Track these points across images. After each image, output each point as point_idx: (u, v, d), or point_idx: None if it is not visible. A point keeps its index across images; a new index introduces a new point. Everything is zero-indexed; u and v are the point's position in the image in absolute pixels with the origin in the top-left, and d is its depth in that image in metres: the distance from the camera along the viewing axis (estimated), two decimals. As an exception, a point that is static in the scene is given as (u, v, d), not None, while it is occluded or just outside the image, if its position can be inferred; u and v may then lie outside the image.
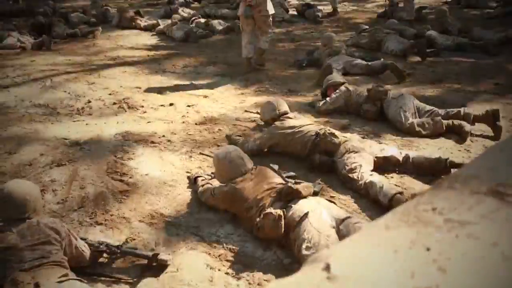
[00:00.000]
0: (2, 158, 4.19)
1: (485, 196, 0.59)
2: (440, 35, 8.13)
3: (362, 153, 3.71)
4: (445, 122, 4.41)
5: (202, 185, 3.47)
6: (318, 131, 3.90)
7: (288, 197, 2.94)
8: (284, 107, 4.32)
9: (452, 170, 3.52)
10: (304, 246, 2.65)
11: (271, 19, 6.92)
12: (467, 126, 4.37)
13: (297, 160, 3.98)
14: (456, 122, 4.41)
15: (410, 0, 10.41)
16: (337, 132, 3.94)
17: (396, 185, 3.54)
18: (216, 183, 3.47)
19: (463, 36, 8.20)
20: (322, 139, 3.83)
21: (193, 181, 3.67)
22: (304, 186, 2.99)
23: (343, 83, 5.23)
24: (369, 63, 6.59)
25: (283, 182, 3.17)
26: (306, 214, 2.77)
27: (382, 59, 7.00)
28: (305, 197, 2.93)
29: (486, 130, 4.47)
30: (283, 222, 2.77)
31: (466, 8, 12.18)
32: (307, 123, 4.10)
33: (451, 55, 7.46)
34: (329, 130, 3.91)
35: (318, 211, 2.80)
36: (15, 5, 14.10)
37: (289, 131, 4.01)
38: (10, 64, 7.73)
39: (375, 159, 3.72)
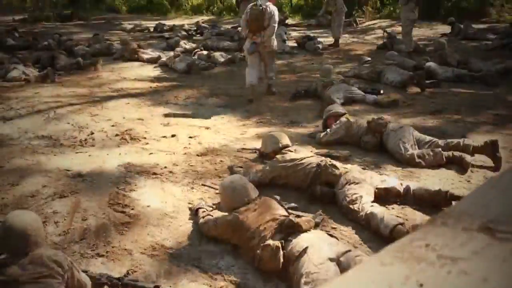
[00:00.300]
0: (4, 190, 4.21)
1: (477, 232, 0.60)
2: (439, 66, 8.26)
3: (362, 184, 3.73)
4: (445, 153, 4.43)
5: (203, 217, 3.48)
6: (319, 162, 3.93)
7: (288, 230, 2.94)
8: (286, 140, 4.37)
9: (453, 202, 3.53)
10: (303, 281, 2.64)
11: (275, 53, 7.36)
12: (468, 157, 4.39)
13: (298, 191, 3.99)
14: (457, 153, 4.44)
15: (408, 32, 10.57)
16: (337, 164, 3.97)
17: (397, 216, 3.54)
18: (217, 214, 3.48)
19: (462, 67, 8.31)
20: (323, 171, 3.85)
21: (194, 213, 3.68)
22: (305, 220, 3.00)
23: (343, 114, 5.29)
24: (366, 95, 6.76)
25: (286, 214, 3.18)
26: (305, 249, 2.77)
27: (382, 90, 7.12)
28: (305, 231, 2.94)
29: (487, 161, 4.49)
30: (281, 254, 2.78)
31: (464, 40, 12.37)
32: (307, 156, 4.13)
33: (450, 86, 7.55)
34: (330, 161, 3.94)
35: (318, 246, 2.80)
36: (22, 39, 14.36)
37: (290, 164, 4.04)
38: (14, 96, 7.82)
39: (376, 190, 3.73)
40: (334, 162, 3.98)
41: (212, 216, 3.46)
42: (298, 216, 3.09)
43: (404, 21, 10.53)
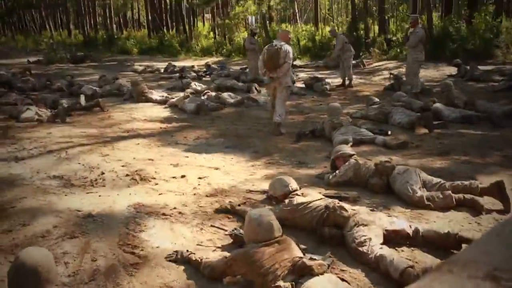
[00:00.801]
0: (16, 229, 4.25)
1: (482, 280, 0.63)
2: (446, 107, 8.33)
3: (371, 226, 3.73)
4: (455, 196, 4.43)
5: (200, 259, 3.48)
6: (327, 204, 3.95)
7: (301, 272, 2.95)
8: (294, 184, 4.40)
9: (463, 245, 3.52)
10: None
11: (289, 90, 8.10)
12: (481, 200, 4.38)
13: (307, 233, 3.99)
14: (468, 196, 4.43)
15: (416, 73, 10.72)
16: (346, 205, 3.98)
17: (407, 258, 3.52)
18: (210, 256, 3.49)
19: (469, 109, 8.37)
20: (331, 213, 3.87)
21: (183, 260, 3.64)
22: (318, 264, 3.00)
23: (352, 155, 5.33)
24: (375, 136, 6.84)
25: (301, 255, 3.19)
26: None
27: (389, 131, 7.19)
28: (317, 274, 2.94)
29: (496, 203, 4.47)
30: None
31: (470, 81, 12.48)
32: (315, 199, 4.15)
33: (458, 127, 7.60)
34: (338, 203, 3.95)
35: None
36: (37, 80, 14.73)
37: (298, 208, 4.08)
38: (27, 136, 7.97)
39: (385, 232, 3.73)
40: (342, 204, 3.99)
41: (206, 258, 3.48)
42: (311, 259, 3.10)
43: (412, 62, 10.69)
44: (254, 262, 3.14)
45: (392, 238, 3.74)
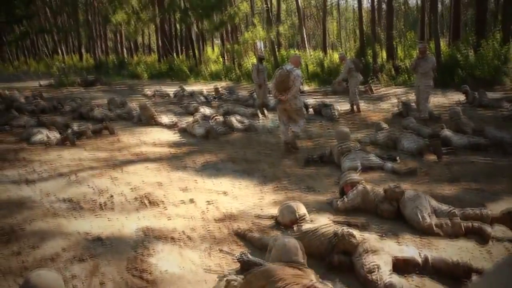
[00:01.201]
0: (25, 252, 4.27)
1: None
2: (455, 134, 8.32)
3: (380, 253, 3.71)
4: (464, 223, 4.40)
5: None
6: (336, 231, 3.94)
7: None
8: (302, 210, 4.41)
9: (472, 275, 3.49)
10: None
11: (303, 110, 8.60)
12: (489, 229, 4.34)
13: (316, 259, 3.97)
14: (476, 224, 4.40)
15: (426, 99, 10.78)
16: (355, 232, 3.97)
17: (416, 286, 3.50)
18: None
19: (478, 135, 8.36)
20: (340, 240, 3.85)
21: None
22: None
23: (359, 181, 5.33)
24: (383, 162, 6.86)
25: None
26: None
27: (398, 157, 7.19)
28: None
29: (507, 232, 4.44)
30: None
31: (479, 108, 12.49)
32: (323, 225, 4.14)
33: (467, 154, 7.58)
34: (347, 230, 3.94)
35: None
36: (48, 103, 14.97)
37: (307, 234, 4.07)
38: (37, 159, 8.06)
39: (394, 260, 3.71)
40: (351, 230, 3.98)
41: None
42: (323, 283, 3.08)
43: (423, 88, 10.74)
44: (271, 278, 3.14)
45: (402, 266, 3.71)
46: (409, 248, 3.94)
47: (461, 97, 14.19)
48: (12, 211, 5.40)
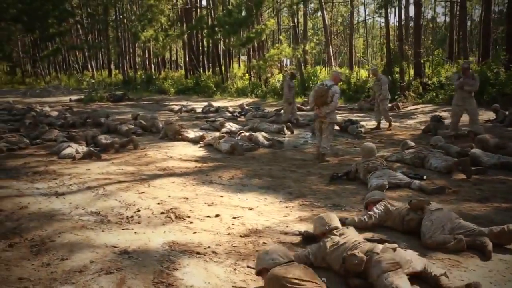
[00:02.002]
0: (54, 264, 4.34)
1: None
2: (484, 153, 8.18)
3: (398, 272, 3.62)
4: (466, 239, 4.41)
5: None
6: (343, 254, 3.91)
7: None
8: (335, 222, 4.37)
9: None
10: None
11: (334, 126, 9.10)
12: (490, 245, 4.31)
13: (340, 278, 3.93)
14: (479, 240, 4.38)
15: (458, 114, 10.76)
16: (362, 249, 3.88)
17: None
18: None
19: (501, 152, 8.22)
20: (346, 263, 3.80)
21: None
22: None
23: (382, 200, 5.29)
24: (411, 180, 6.77)
25: None
26: None
27: (425, 176, 7.10)
28: None
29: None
30: None
31: (509, 127, 12.26)
32: (352, 240, 4.09)
33: (497, 173, 7.43)
34: (351, 252, 3.83)
35: None
36: (78, 118, 15.37)
37: (330, 249, 4.06)
38: (67, 172, 8.23)
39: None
40: (355, 252, 3.83)
41: None
42: None
43: (474, 107, 10.74)
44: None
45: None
46: (434, 267, 3.89)
47: (491, 116, 13.97)
48: (43, 223, 5.51)
